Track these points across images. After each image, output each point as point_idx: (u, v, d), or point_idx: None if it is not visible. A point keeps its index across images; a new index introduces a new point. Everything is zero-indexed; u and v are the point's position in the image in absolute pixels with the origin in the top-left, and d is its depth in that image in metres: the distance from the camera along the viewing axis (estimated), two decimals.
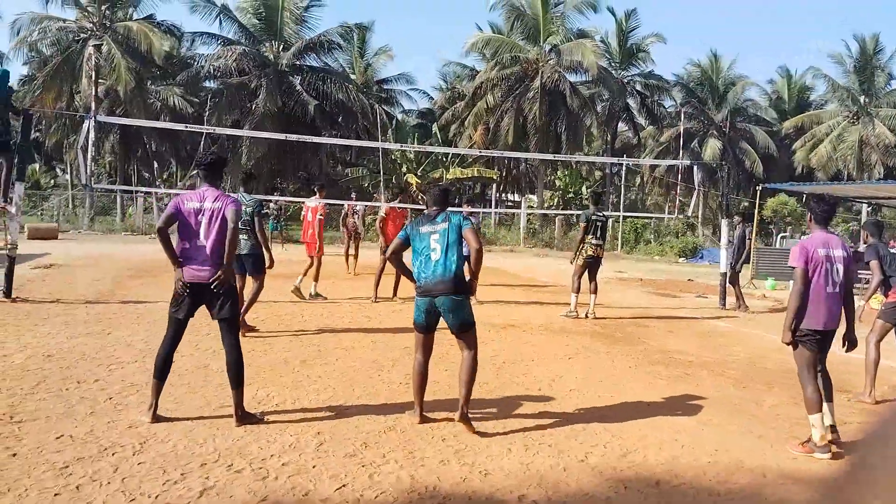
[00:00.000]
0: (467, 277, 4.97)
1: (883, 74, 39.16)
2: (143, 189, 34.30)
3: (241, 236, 7.36)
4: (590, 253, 10.59)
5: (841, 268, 4.84)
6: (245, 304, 7.92)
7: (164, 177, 44.92)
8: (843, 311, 4.94)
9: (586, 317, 10.54)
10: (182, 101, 34.73)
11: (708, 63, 42.72)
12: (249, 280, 8.10)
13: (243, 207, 7.60)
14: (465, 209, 12.75)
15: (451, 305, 4.79)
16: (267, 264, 8.03)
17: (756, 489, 4.03)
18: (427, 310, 4.88)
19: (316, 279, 11.22)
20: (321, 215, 11.36)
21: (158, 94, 35.34)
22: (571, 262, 10.85)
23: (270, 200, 26.77)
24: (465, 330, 4.91)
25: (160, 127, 30.14)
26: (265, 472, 3.86)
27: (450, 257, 4.81)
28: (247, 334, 7.61)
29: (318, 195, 11.64)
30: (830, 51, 61.83)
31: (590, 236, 10.60)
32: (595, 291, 10.80)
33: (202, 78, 36.21)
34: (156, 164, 42.62)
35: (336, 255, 17.14)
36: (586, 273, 10.71)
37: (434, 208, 5.08)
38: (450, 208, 5.15)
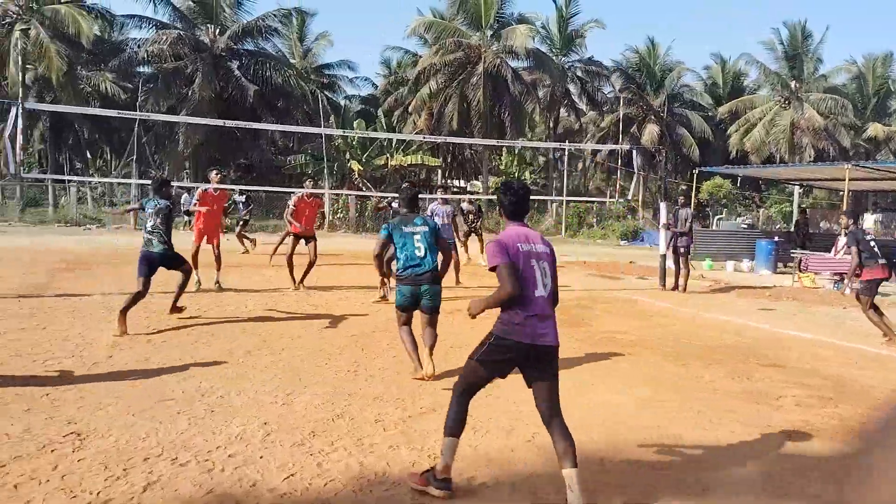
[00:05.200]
0: None
1: (811, 60, 40.56)
2: (77, 178, 33.16)
3: (153, 238, 7.81)
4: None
5: (548, 267, 3.69)
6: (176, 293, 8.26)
7: (98, 165, 43.46)
8: (555, 319, 3.74)
9: None
10: (115, 87, 33.66)
11: (646, 49, 43.51)
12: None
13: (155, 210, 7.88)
14: (439, 195, 13.16)
15: (433, 292, 5.99)
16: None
17: (695, 463, 4.17)
18: (412, 294, 5.95)
19: (218, 268, 10.83)
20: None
21: (89, 80, 34.14)
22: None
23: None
24: (437, 311, 6.11)
25: (92, 114, 29.15)
26: (211, 465, 3.81)
27: (432, 255, 6.01)
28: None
29: (213, 180, 10.89)
30: (761, 38, 63.67)
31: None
32: None
33: (135, 63, 35.11)
34: (88, 153, 41.19)
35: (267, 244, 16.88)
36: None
37: (406, 210, 6.26)
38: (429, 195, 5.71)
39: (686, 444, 4.46)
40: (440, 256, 6.20)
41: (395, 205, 12.75)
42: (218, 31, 34.24)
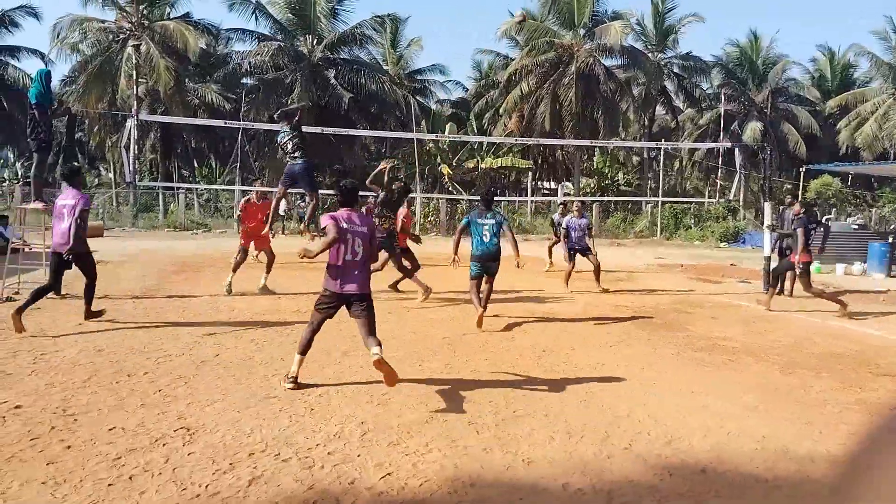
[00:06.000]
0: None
1: None
2: (185, 186, 34.90)
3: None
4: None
5: (360, 240, 5.31)
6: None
7: (204, 173, 45.59)
8: (365, 277, 5.40)
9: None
10: (220, 97, 35.21)
11: (747, 43, 41.83)
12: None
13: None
14: (576, 207, 13.05)
15: (494, 267, 8.47)
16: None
17: (804, 476, 3.96)
18: (481, 267, 8.42)
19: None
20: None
21: (196, 92, 35.88)
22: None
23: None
24: (493, 276, 8.53)
25: (199, 124, 30.61)
26: (311, 462, 3.92)
27: (494, 240, 8.42)
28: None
29: (256, 193, 11.65)
30: (873, 27, 60.03)
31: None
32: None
33: (239, 74, 36.63)
34: (195, 161, 43.27)
35: None
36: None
37: (483, 207, 8.59)
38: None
39: (796, 457, 4.24)
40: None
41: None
42: (315, 41, 35.27)
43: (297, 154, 9.44)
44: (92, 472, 3.67)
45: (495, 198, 9.27)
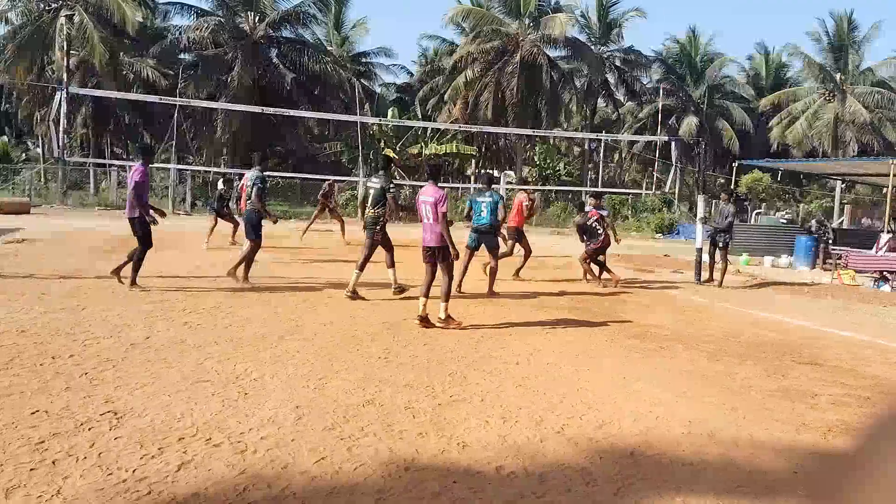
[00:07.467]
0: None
1: (857, 52, 39.53)
2: (117, 163, 33.76)
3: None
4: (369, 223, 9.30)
5: (430, 208, 7.42)
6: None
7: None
8: (440, 234, 7.38)
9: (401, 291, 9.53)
10: (156, 73, 34.14)
11: (687, 39, 42.83)
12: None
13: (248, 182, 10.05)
14: (590, 201, 13.47)
15: (489, 239, 9.83)
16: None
17: (729, 460, 4.10)
18: (476, 239, 9.89)
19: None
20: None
21: (132, 67, 34.70)
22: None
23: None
24: (493, 250, 9.95)
25: (133, 99, 29.62)
26: (244, 446, 3.86)
27: (491, 215, 9.69)
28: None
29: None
30: (808, 28, 62.23)
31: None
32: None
33: (177, 50, 35.58)
34: (128, 138, 41.87)
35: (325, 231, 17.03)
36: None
37: (483, 186, 10.47)
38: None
39: (721, 441, 4.39)
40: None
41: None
42: (257, 18, 34.51)
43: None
44: (13, 457, 3.53)
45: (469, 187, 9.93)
